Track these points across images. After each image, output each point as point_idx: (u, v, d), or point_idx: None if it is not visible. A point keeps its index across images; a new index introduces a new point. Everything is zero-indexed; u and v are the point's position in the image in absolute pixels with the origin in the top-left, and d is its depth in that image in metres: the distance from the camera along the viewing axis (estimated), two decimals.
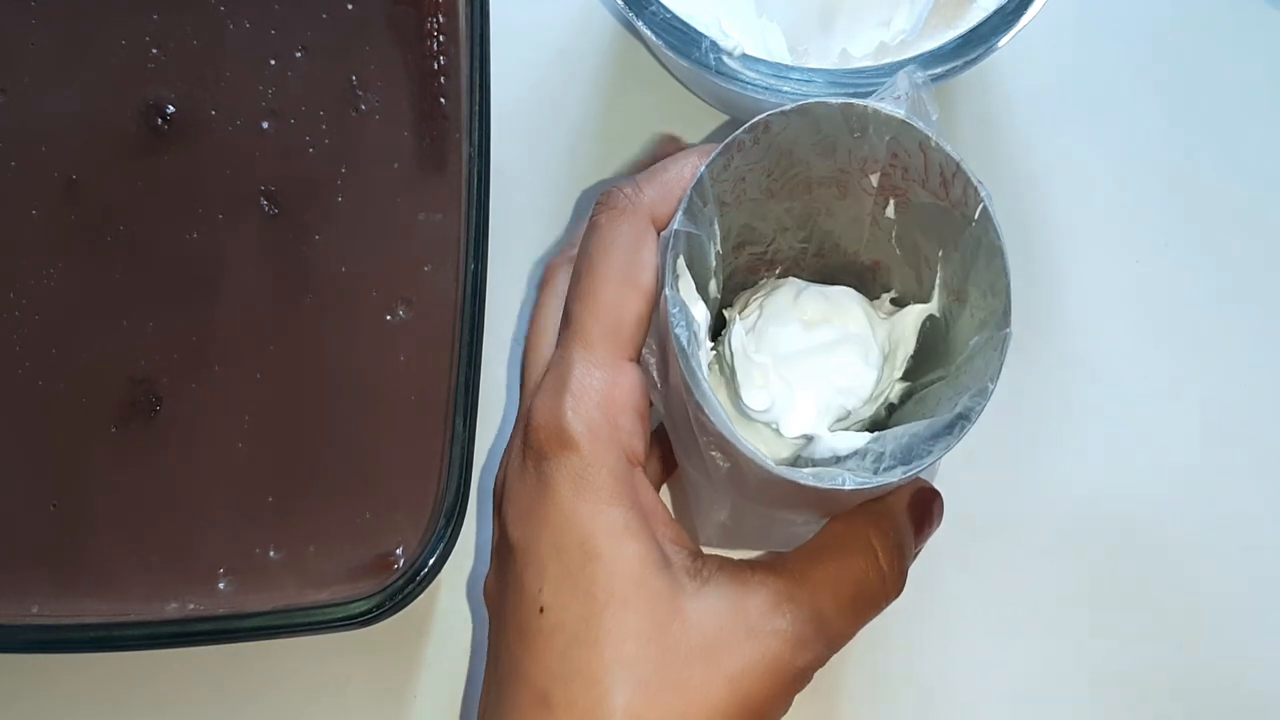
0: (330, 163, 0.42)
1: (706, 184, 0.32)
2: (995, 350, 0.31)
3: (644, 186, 0.33)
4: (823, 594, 0.32)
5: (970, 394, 0.30)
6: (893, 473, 0.30)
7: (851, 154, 0.33)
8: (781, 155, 0.33)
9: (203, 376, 0.41)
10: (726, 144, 0.32)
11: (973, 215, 0.31)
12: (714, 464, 0.32)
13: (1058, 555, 0.43)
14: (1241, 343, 0.45)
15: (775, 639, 0.31)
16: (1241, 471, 0.44)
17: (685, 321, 0.31)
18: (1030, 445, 0.44)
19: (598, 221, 0.33)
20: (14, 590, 0.39)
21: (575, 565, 0.31)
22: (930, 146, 0.31)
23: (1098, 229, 0.46)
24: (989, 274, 0.31)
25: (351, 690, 0.43)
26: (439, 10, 0.43)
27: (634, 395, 0.32)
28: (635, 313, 0.32)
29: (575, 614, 0.30)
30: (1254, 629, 0.43)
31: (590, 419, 0.31)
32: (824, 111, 0.32)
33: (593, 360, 0.32)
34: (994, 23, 0.38)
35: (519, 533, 0.32)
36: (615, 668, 0.30)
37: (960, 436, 0.30)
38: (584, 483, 0.31)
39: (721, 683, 0.30)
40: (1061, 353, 0.45)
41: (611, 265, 0.32)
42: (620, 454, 0.32)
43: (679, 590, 0.31)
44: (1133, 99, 0.47)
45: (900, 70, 0.32)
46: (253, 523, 0.40)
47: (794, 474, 0.30)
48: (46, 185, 0.42)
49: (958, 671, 0.43)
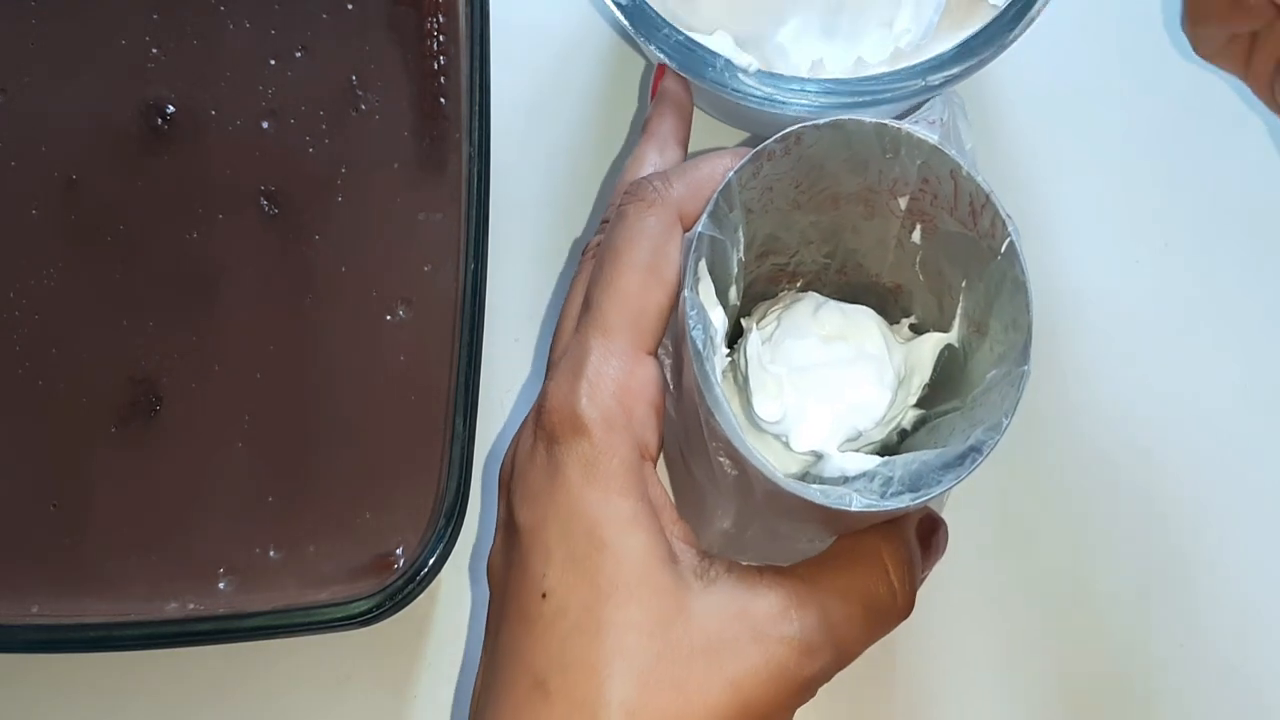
0: (330, 163, 0.42)
1: (734, 189, 0.32)
2: (1012, 386, 0.30)
3: (674, 181, 0.33)
4: (833, 603, 0.31)
5: (984, 427, 0.30)
6: (900, 498, 0.30)
7: (882, 174, 0.33)
8: (811, 168, 0.33)
9: (203, 376, 0.41)
10: (756, 152, 0.31)
11: (999, 248, 0.31)
12: (721, 470, 0.31)
13: (1057, 555, 0.43)
14: (1241, 342, 0.45)
15: (782, 645, 0.30)
16: (1241, 471, 0.44)
17: (703, 325, 0.31)
18: (1030, 445, 0.44)
19: (625, 211, 0.33)
20: (14, 590, 0.39)
21: (581, 552, 0.30)
22: (961, 175, 0.31)
23: (1097, 229, 0.46)
24: (1011, 309, 0.31)
25: (351, 690, 0.43)
26: (439, 10, 0.43)
27: (650, 387, 0.32)
28: (657, 305, 0.32)
29: (579, 601, 0.30)
30: (1254, 629, 0.43)
31: (605, 406, 0.31)
32: (856, 129, 0.31)
33: (611, 348, 0.32)
34: (1006, 20, 0.38)
35: (526, 514, 0.32)
36: (615, 659, 0.29)
37: (971, 469, 0.30)
38: (594, 470, 0.31)
39: (722, 685, 0.30)
40: (1061, 352, 0.45)
41: (636, 255, 0.32)
42: (633, 445, 0.31)
43: (685, 588, 0.31)
44: (1132, 99, 0.47)
45: (938, 95, 0.32)
46: (253, 523, 0.40)
47: (801, 488, 0.29)
48: (46, 185, 0.42)
49: (958, 671, 0.43)
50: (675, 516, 0.32)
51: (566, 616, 0.30)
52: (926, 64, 0.38)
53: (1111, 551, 0.44)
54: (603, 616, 0.30)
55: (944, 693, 0.43)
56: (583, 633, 0.30)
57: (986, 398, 0.32)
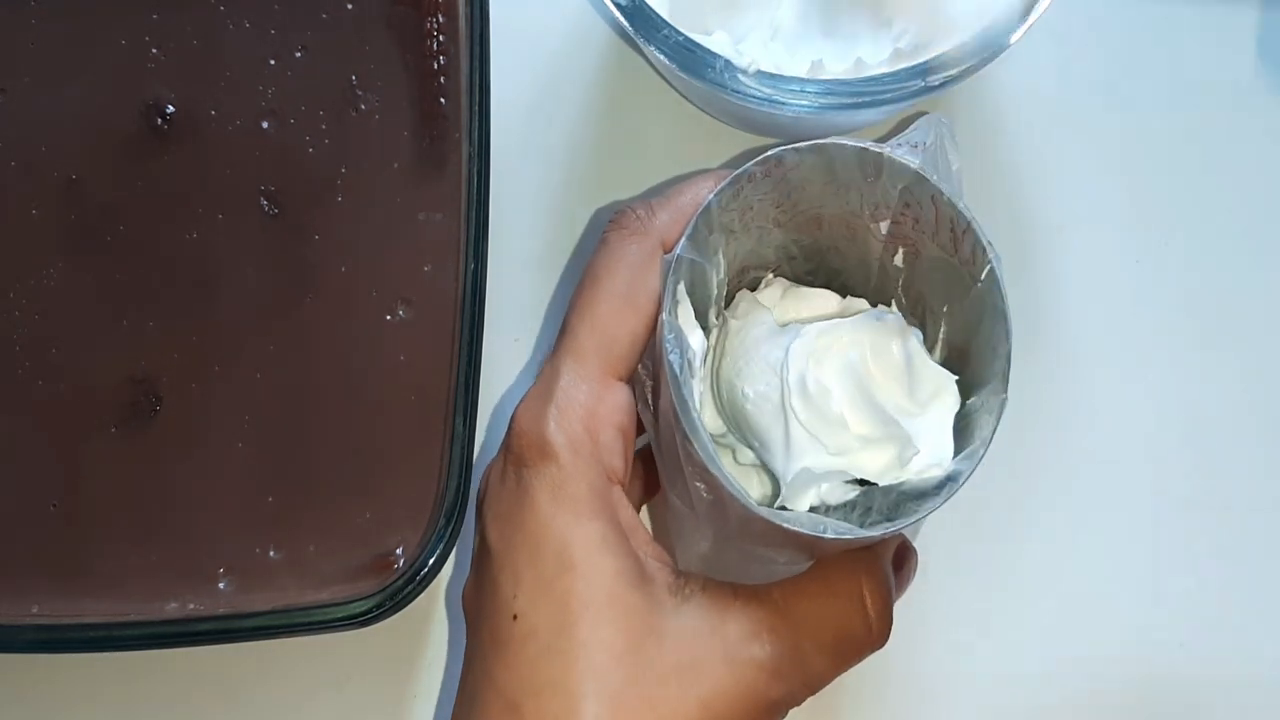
0: (330, 163, 0.42)
1: (714, 212, 0.32)
2: (990, 414, 0.30)
3: (657, 210, 0.33)
4: (804, 631, 0.31)
5: (961, 456, 0.31)
6: (876, 527, 0.30)
7: (864, 198, 0.33)
8: (792, 189, 0.32)
9: (203, 376, 0.41)
10: (736, 175, 0.31)
11: (980, 275, 0.31)
12: (698, 494, 0.31)
13: (1057, 555, 0.43)
14: (1242, 342, 0.45)
15: (751, 667, 0.30)
16: (1241, 470, 0.44)
17: (680, 349, 0.31)
18: (1030, 444, 0.44)
19: (607, 239, 0.33)
20: (14, 590, 0.39)
21: (551, 574, 0.30)
22: (942, 201, 0.31)
23: (1097, 228, 0.46)
24: (991, 337, 0.31)
25: (351, 690, 0.43)
26: (439, 10, 0.43)
27: (619, 414, 0.32)
28: (631, 333, 0.32)
29: (549, 623, 0.30)
30: (1255, 629, 0.43)
31: (572, 432, 0.31)
32: (839, 153, 0.31)
33: (581, 374, 0.32)
34: (1006, 19, 0.38)
35: (495, 537, 0.32)
36: (587, 680, 0.30)
37: (947, 498, 0.30)
38: (562, 494, 0.31)
39: (694, 704, 0.30)
40: (1060, 352, 0.45)
41: (614, 283, 0.32)
42: (600, 470, 0.31)
43: (657, 607, 0.31)
44: (1131, 99, 0.47)
45: (926, 117, 0.32)
46: (253, 522, 0.40)
47: (774, 515, 0.29)
48: (46, 185, 0.42)
49: (958, 672, 0.43)
50: (648, 537, 0.32)
51: (537, 638, 0.30)
52: (926, 64, 0.38)
53: (1111, 550, 0.44)
54: (574, 638, 0.30)
55: (942, 689, 0.43)
56: (554, 654, 0.30)
57: (965, 425, 0.32)
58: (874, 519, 0.30)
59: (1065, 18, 0.44)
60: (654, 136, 0.47)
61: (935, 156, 0.32)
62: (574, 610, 0.30)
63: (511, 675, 0.30)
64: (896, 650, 0.42)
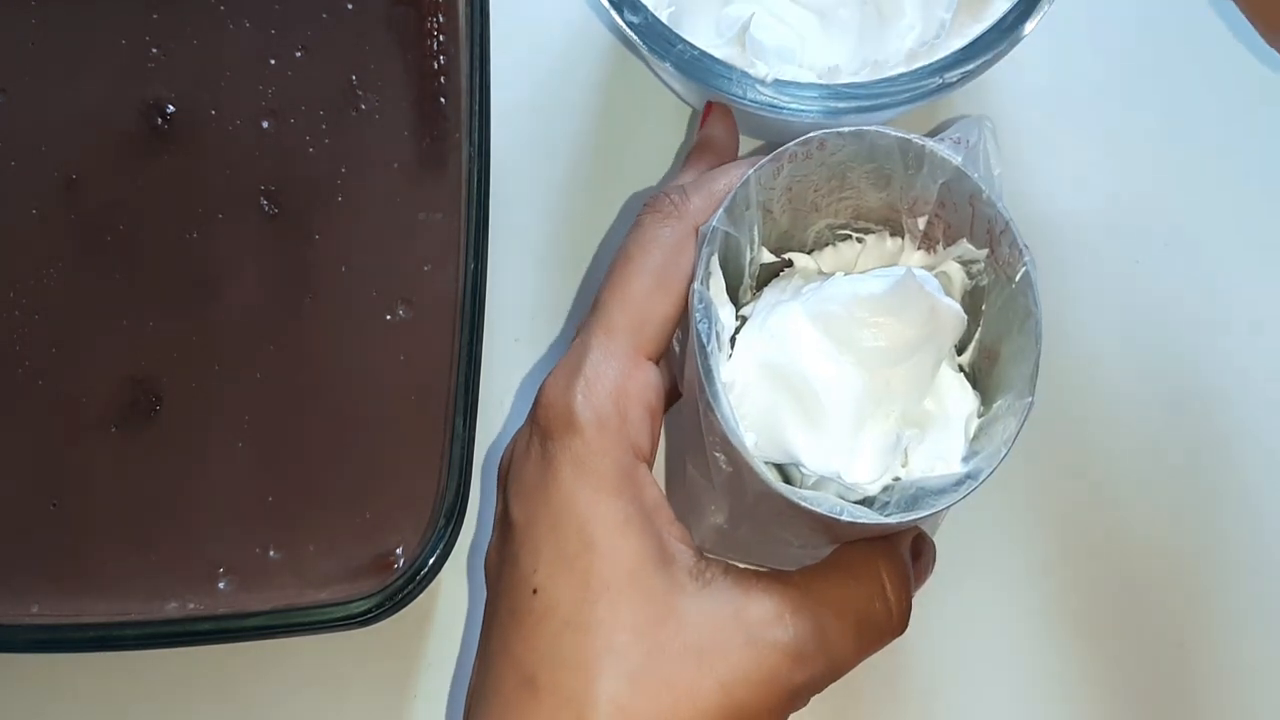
0: (330, 163, 0.42)
1: (752, 187, 0.32)
2: (1015, 417, 0.31)
3: (691, 195, 0.33)
4: (827, 613, 0.31)
5: (984, 455, 0.31)
6: (893, 515, 0.30)
7: (904, 191, 0.33)
8: (832, 174, 0.33)
9: (203, 376, 0.41)
10: (777, 153, 0.32)
11: (1014, 276, 0.31)
12: (716, 466, 0.31)
13: (1057, 556, 0.43)
14: (1241, 342, 0.45)
15: (774, 650, 0.30)
16: (1241, 470, 0.44)
17: (709, 318, 0.31)
18: (1029, 445, 0.44)
19: (641, 221, 0.33)
20: (14, 590, 0.39)
21: (572, 551, 0.30)
22: (980, 200, 0.31)
23: (1096, 228, 0.46)
24: (1021, 338, 0.31)
25: (351, 690, 0.43)
26: (439, 10, 0.43)
27: (647, 391, 0.32)
28: (662, 313, 0.32)
29: (568, 599, 0.30)
30: (1255, 629, 0.43)
31: (600, 407, 0.31)
32: (880, 140, 0.32)
33: (611, 350, 0.32)
34: (1018, 12, 0.38)
35: (519, 509, 0.32)
36: (605, 656, 0.29)
37: (966, 494, 0.30)
38: (586, 469, 0.31)
39: (713, 686, 0.30)
40: (1060, 352, 0.45)
41: (647, 263, 0.32)
42: (626, 447, 0.31)
43: (678, 589, 0.31)
44: (1130, 99, 0.47)
45: (970, 119, 0.32)
46: (253, 522, 0.40)
47: (792, 493, 0.30)
48: (46, 185, 0.42)
49: (958, 672, 0.43)
50: (671, 517, 0.32)
51: (556, 614, 0.30)
52: (941, 62, 0.38)
53: (1111, 550, 0.44)
54: (593, 616, 0.30)
55: (947, 689, 0.43)
56: (573, 630, 0.30)
57: (991, 425, 0.32)
58: (891, 511, 0.30)
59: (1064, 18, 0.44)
60: (654, 137, 0.47)
61: (977, 156, 0.32)
62: (594, 589, 0.30)
63: (529, 649, 0.30)
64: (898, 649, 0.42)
